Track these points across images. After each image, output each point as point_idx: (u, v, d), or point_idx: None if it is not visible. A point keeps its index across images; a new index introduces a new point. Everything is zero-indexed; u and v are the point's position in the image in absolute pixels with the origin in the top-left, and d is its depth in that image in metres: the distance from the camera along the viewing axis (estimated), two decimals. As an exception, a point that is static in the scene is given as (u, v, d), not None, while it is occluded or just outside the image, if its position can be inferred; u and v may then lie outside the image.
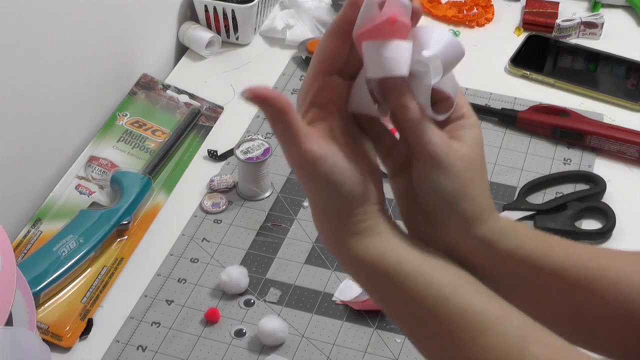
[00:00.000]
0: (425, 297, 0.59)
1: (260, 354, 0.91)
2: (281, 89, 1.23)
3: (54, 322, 0.93)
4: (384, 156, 0.65)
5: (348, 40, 0.60)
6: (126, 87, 1.20)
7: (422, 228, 0.64)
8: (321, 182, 0.60)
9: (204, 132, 1.17)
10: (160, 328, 0.94)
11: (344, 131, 0.62)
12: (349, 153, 0.61)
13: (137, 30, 1.21)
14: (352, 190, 0.61)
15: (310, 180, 0.60)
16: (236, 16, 1.28)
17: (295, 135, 0.58)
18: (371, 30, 0.58)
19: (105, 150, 1.11)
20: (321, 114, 0.62)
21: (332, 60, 0.61)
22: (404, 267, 0.60)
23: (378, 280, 0.61)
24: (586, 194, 1.06)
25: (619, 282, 0.64)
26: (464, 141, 0.61)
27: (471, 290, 0.60)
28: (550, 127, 1.14)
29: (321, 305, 0.96)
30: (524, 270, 0.63)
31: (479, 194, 0.62)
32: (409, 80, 0.59)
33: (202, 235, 1.03)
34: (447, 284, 0.60)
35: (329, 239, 0.63)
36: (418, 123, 0.60)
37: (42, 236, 1.01)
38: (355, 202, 0.61)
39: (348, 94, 0.62)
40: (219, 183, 1.09)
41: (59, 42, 1.05)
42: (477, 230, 0.62)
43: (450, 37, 0.59)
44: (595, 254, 0.65)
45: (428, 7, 1.37)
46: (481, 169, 0.62)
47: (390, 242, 0.61)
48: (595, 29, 1.32)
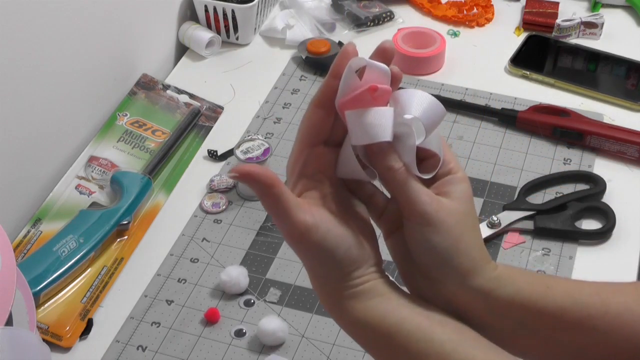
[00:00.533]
0: (427, 354, 0.60)
1: (260, 354, 0.91)
2: (281, 89, 1.23)
3: (54, 322, 0.93)
4: (377, 217, 0.66)
5: (332, 111, 0.61)
6: (126, 87, 1.20)
7: (420, 284, 0.64)
8: (316, 250, 0.61)
9: (204, 132, 1.17)
10: (160, 328, 0.94)
11: (335, 197, 0.63)
12: (342, 218, 0.62)
13: (137, 30, 1.22)
14: (348, 255, 0.62)
15: (305, 249, 0.62)
16: (236, 16, 1.28)
17: (285, 208, 0.59)
18: (353, 99, 0.59)
19: (105, 150, 1.11)
20: (311, 184, 0.63)
21: (318, 132, 0.62)
22: (404, 325, 0.61)
23: (379, 340, 0.62)
24: (586, 194, 1.06)
25: (621, 315, 0.63)
26: (453, 196, 0.62)
27: (472, 345, 0.61)
28: (550, 127, 1.14)
29: (321, 305, 0.95)
30: (524, 316, 0.63)
31: (472, 247, 0.62)
32: (394, 142, 0.61)
33: (202, 235, 1.03)
34: (448, 340, 0.60)
35: (327, 303, 0.64)
36: (405, 183, 0.61)
37: (42, 236, 1.01)
38: (351, 265, 0.62)
39: (335, 161, 0.63)
40: (219, 183, 1.09)
41: (59, 42, 1.05)
42: (473, 282, 0.62)
43: (430, 98, 0.61)
44: (596, 289, 0.65)
45: (428, 7, 1.37)
46: (472, 222, 0.63)
47: (390, 302, 0.62)
48: (595, 29, 1.32)
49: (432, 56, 1.25)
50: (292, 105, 1.21)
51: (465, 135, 1.16)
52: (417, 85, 1.23)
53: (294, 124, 1.18)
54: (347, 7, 1.35)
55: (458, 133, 1.16)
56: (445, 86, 1.23)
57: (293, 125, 1.18)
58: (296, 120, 1.18)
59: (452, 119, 1.18)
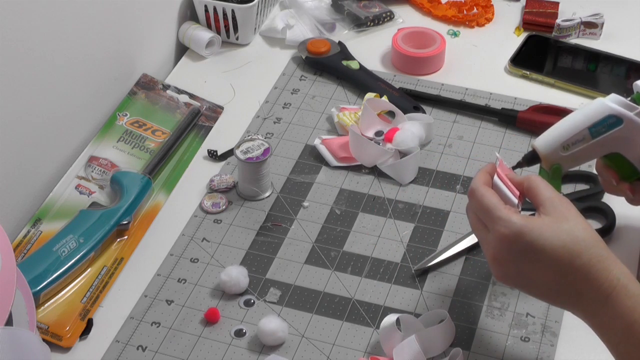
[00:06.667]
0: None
1: (260, 354, 0.91)
2: (281, 89, 1.23)
3: (54, 322, 0.93)
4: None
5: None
6: (126, 87, 1.20)
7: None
8: None
9: (204, 132, 1.17)
10: (160, 328, 0.94)
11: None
12: None
13: (137, 30, 1.22)
14: None
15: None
16: (236, 16, 1.28)
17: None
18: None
19: (105, 150, 1.11)
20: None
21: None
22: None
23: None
24: (586, 194, 1.06)
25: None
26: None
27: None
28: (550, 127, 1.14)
29: (321, 305, 0.96)
30: None
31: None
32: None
33: (202, 235, 1.03)
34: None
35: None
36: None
37: (42, 236, 1.01)
38: None
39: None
40: (219, 183, 1.09)
41: (59, 42, 1.05)
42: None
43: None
44: None
45: (428, 7, 1.37)
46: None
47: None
48: (595, 29, 1.32)
49: (432, 56, 1.25)
50: (292, 105, 1.21)
51: (465, 135, 1.16)
52: (417, 85, 1.23)
53: (294, 124, 1.18)
54: (347, 7, 1.35)
55: (458, 133, 1.16)
56: (445, 86, 1.23)
57: (293, 125, 1.18)
58: (296, 120, 1.18)
59: (452, 119, 1.18)
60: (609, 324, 0.76)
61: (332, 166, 1.11)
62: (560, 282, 0.78)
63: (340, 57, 1.26)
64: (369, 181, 1.10)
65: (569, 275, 0.77)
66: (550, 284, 0.78)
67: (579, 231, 0.78)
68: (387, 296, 0.96)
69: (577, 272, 0.77)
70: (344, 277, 0.98)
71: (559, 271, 0.77)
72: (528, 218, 0.79)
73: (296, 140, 1.15)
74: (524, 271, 0.79)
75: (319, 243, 1.02)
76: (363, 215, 1.05)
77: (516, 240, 0.78)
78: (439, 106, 1.20)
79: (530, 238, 0.78)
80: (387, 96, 1.18)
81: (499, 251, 0.79)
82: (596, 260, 0.77)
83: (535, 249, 0.78)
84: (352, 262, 1.00)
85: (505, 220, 0.79)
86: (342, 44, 1.28)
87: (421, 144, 1.13)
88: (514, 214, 0.79)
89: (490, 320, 0.93)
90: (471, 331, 0.92)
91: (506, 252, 0.79)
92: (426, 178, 1.10)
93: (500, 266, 0.80)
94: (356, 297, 0.96)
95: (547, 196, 0.80)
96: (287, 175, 1.10)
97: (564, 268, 0.77)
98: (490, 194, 0.82)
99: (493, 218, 0.80)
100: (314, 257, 1.01)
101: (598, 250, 0.77)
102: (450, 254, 1.00)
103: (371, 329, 0.93)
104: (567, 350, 0.91)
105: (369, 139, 1.12)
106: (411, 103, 1.18)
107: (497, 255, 0.80)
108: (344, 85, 1.24)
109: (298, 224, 1.04)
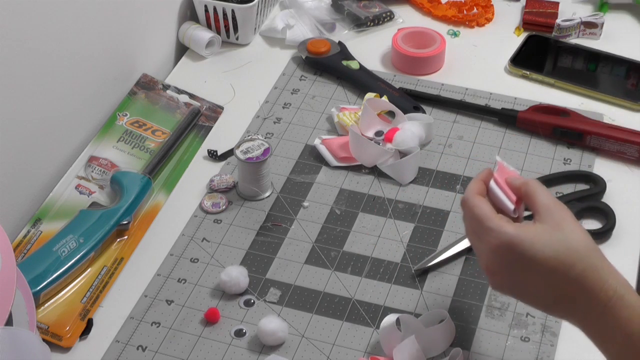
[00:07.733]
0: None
1: (260, 354, 0.91)
2: (281, 89, 1.23)
3: (54, 322, 0.93)
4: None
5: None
6: (126, 87, 1.20)
7: None
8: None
9: (204, 132, 1.17)
10: (160, 328, 0.94)
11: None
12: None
13: (137, 30, 1.22)
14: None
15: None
16: (236, 16, 1.28)
17: None
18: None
19: (105, 150, 1.11)
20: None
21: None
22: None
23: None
24: (586, 194, 1.06)
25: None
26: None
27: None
28: (550, 127, 1.14)
29: (321, 305, 0.96)
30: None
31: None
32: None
33: (202, 235, 1.03)
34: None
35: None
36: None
37: (42, 236, 1.01)
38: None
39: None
40: (219, 183, 1.09)
41: (59, 42, 1.05)
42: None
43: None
44: None
45: (428, 7, 1.37)
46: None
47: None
48: (595, 29, 1.32)
49: (432, 56, 1.25)
50: (292, 105, 1.21)
51: (465, 135, 1.16)
52: (417, 85, 1.23)
53: (294, 123, 1.18)
54: (347, 7, 1.35)
55: (458, 133, 1.16)
56: (445, 86, 1.23)
57: (293, 125, 1.18)
58: (296, 120, 1.18)
59: (452, 119, 1.18)
60: (607, 335, 0.75)
61: (332, 166, 1.11)
62: (555, 293, 0.77)
63: (340, 57, 1.26)
64: (369, 181, 1.10)
65: (563, 286, 0.76)
66: (546, 294, 0.77)
67: (573, 241, 0.76)
68: (387, 296, 0.96)
69: (571, 283, 0.75)
70: (344, 277, 0.98)
71: (553, 282, 0.76)
72: (521, 227, 0.77)
73: (296, 140, 1.15)
74: (518, 281, 0.78)
75: (319, 243, 1.02)
76: (363, 215, 1.05)
77: (508, 251, 0.77)
78: (439, 106, 1.20)
79: (522, 249, 0.76)
80: (387, 96, 1.18)
81: (491, 262, 0.78)
82: (591, 270, 0.75)
83: (528, 260, 0.76)
84: (352, 262, 1.00)
85: (496, 231, 0.77)
86: (342, 44, 1.28)
87: (421, 144, 1.13)
88: (505, 223, 0.78)
89: (490, 320, 0.94)
90: (471, 331, 0.92)
91: (498, 263, 0.78)
92: (426, 178, 1.10)
93: (495, 276, 0.79)
94: (356, 297, 0.96)
95: (543, 203, 0.79)
96: (287, 175, 1.10)
97: (557, 279, 0.76)
98: (482, 204, 0.80)
99: (484, 229, 0.78)
100: (314, 257, 1.01)
101: (592, 260, 0.76)
102: (450, 254, 1.00)
103: (371, 329, 0.93)
104: (567, 350, 0.91)
105: (369, 139, 1.12)
106: (411, 103, 1.18)
107: (490, 266, 0.79)
108: (344, 85, 1.24)
109: (298, 224, 1.04)
